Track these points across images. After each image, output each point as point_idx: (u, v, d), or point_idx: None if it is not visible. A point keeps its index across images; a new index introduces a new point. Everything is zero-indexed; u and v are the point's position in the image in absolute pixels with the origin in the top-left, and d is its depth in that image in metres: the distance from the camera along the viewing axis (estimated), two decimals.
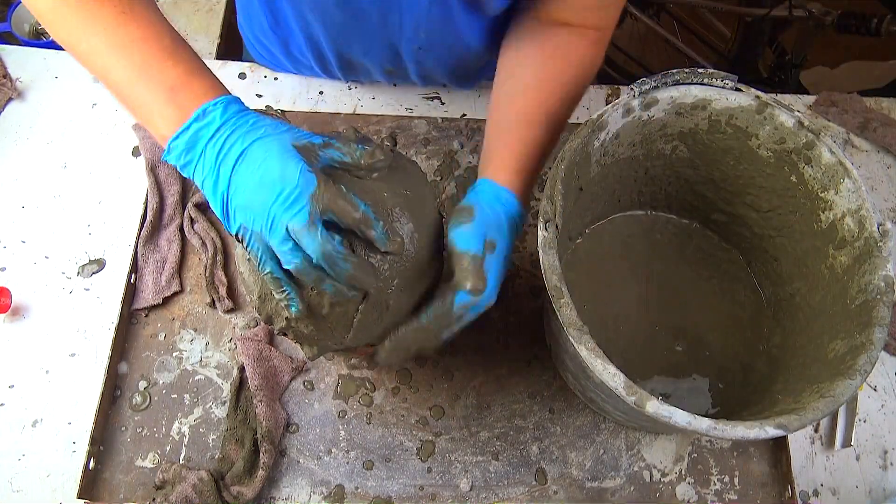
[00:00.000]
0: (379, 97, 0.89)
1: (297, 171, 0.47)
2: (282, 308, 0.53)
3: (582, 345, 0.52)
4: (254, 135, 0.48)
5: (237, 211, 0.48)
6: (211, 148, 0.48)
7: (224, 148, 0.48)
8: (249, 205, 0.47)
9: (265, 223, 0.47)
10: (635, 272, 0.76)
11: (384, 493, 0.68)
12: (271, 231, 0.47)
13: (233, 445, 0.68)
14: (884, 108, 0.92)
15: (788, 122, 0.63)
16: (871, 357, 0.54)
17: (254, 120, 0.50)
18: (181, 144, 0.49)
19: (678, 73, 0.64)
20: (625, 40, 1.87)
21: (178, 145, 0.49)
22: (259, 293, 0.54)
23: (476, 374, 0.74)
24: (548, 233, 0.56)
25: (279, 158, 0.47)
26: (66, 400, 0.70)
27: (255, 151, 0.48)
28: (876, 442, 0.72)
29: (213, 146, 0.48)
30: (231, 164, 0.48)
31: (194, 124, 0.49)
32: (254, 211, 0.47)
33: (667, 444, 0.71)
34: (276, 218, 0.47)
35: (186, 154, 0.49)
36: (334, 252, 0.47)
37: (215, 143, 0.48)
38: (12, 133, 0.84)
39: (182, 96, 0.50)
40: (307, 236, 0.46)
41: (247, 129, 0.49)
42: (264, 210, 0.47)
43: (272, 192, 0.46)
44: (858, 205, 0.60)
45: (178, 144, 0.49)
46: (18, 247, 0.77)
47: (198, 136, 0.49)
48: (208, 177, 0.49)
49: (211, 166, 0.48)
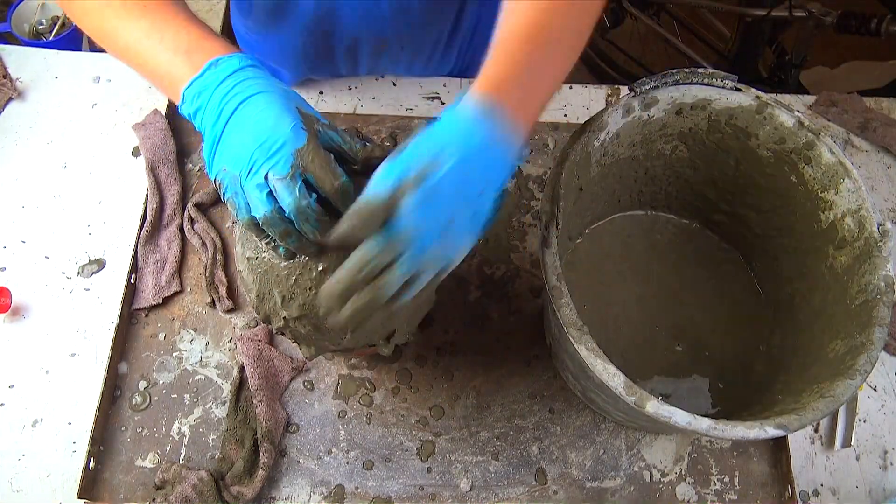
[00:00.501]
0: (379, 97, 0.89)
1: (289, 126, 0.47)
2: (279, 308, 0.53)
3: (582, 345, 0.52)
4: (262, 86, 0.49)
5: (223, 151, 0.48)
6: (218, 92, 0.49)
7: (231, 92, 0.48)
8: (235, 146, 0.47)
9: (245, 166, 0.47)
10: (635, 272, 0.76)
11: (384, 493, 0.68)
12: (249, 175, 0.47)
13: (233, 445, 0.68)
14: (884, 108, 0.92)
15: (788, 122, 0.63)
16: (871, 357, 0.54)
17: (264, 75, 0.50)
18: (193, 91, 0.50)
19: (678, 73, 0.64)
20: (625, 40, 1.87)
21: (190, 92, 0.50)
22: (257, 292, 0.54)
23: (476, 374, 0.74)
24: (548, 233, 0.56)
25: (278, 111, 0.47)
26: (66, 400, 0.70)
27: (258, 100, 0.48)
28: (876, 442, 0.72)
29: (220, 90, 0.49)
30: (232, 108, 0.48)
31: (208, 71, 0.49)
32: (237, 153, 0.47)
33: (667, 444, 0.71)
34: (256, 162, 0.46)
35: (197, 99, 0.49)
36: (308, 208, 0.46)
37: (224, 87, 0.49)
38: (12, 133, 0.84)
39: (196, 56, 0.51)
40: (284, 187, 0.46)
41: (257, 80, 0.49)
42: (247, 153, 0.46)
43: (260, 138, 0.46)
44: (858, 205, 0.60)
45: (191, 91, 0.50)
46: (18, 247, 0.77)
47: (208, 82, 0.49)
48: (209, 117, 0.49)
49: (215, 108, 0.49)
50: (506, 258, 0.80)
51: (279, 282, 0.52)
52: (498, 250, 0.80)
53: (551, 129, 0.88)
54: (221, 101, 0.49)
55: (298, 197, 0.46)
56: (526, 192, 0.84)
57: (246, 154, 0.46)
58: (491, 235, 0.81)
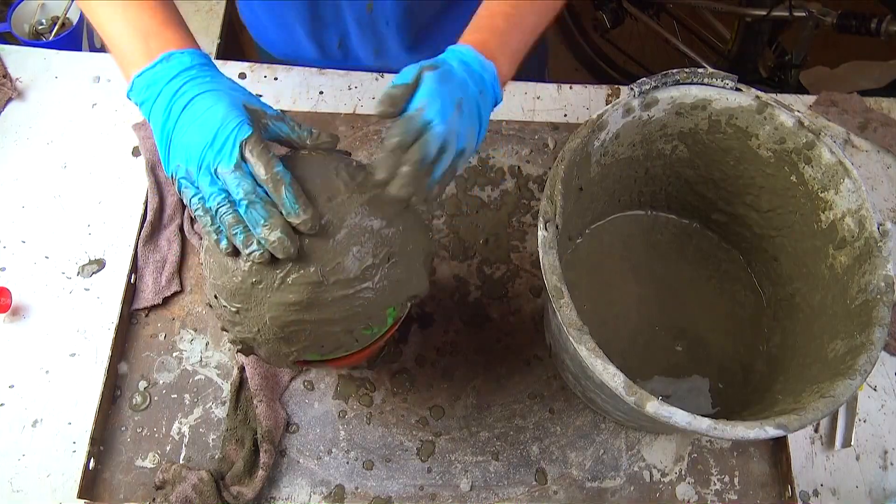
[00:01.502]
0: (379, 97, 0.89)
1: (235, 122, 0.49)
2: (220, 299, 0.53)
3: (582, 345, 0.52)
4: (209, 86, 0.51)
5: (175, 150, 0.50)
6: (168, 88, 0.51)
7: (179, 91, 0.51)
8: (186, 144, 0.49)
9: (196, 162, 0.49)
10: (635, 272, 0.76)
11: (384, 493, 0.68)
12: (200, 170, 0.49)
13: (233, 445, 0.68)
14: (884, 108, 0.92)
15: (788, 122, 0.63)
16: (871, 357, 0.54)
17: (213, 74, 0.53)
18: (143, 82, 0.52)
19: (678, 73, 0.64)
20: (625, 40, 1.87)
21: (140, 83, 0.52)
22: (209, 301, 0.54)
23: (476, 374, 0.74)
24: (548, 233, 0.56)
25: (225, 108, 0.49)
26: (66, 400, 0.70)
27: (205, 99, 0.50)
28: (876, 442, 0.72)
29: (170, 87, 0.51)
30: (181, 106, 0.50)
31: (159, 65, 0.52)
32: (188, 151, 0.49)
33: (667, 444, 0.71)
34: (206, 158, 0.49)
35: (146, 91, 0.52)
36: (252, 194, 0.48)
37: (172, 85, 0.51)
38: (12, 133, 0.84)
39: (154, 43, 0.53)
40: (232, 178, 0.48)
41: (205, 79, 0.52)
42: (197, 150, 0.49)
43: (207, 135, 0.49)
44: (858, 205, 0.60)
45: (141, 82, 0.52)
46: (18, 247, 0.77)
47: (159, 76, 0.52)
48: (159, 114, 0.51)
49: (164, 105, 0.51)
50: (506, 258, 0.80)
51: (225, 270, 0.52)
52: (498, 250, 0.80)
53: (551, 129, 0.88)
54: (171, 99, 0.51)
55: (245, 185, 0.48)
56: (526, 192, 0.84)
57: (196, 151, 0.49)
58: (491, 235, 0.81)
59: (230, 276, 0.51)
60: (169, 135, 0.51)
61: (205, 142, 0.49)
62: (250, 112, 0.51)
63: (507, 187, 0.84)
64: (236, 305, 0.52)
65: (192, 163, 0.49)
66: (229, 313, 0.53)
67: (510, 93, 0.90)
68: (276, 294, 0.50)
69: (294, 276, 0.50)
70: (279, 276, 0.50)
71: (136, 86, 0.52)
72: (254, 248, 0.49)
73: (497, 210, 0.83)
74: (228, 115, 0.49)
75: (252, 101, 0.52)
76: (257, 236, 0.49)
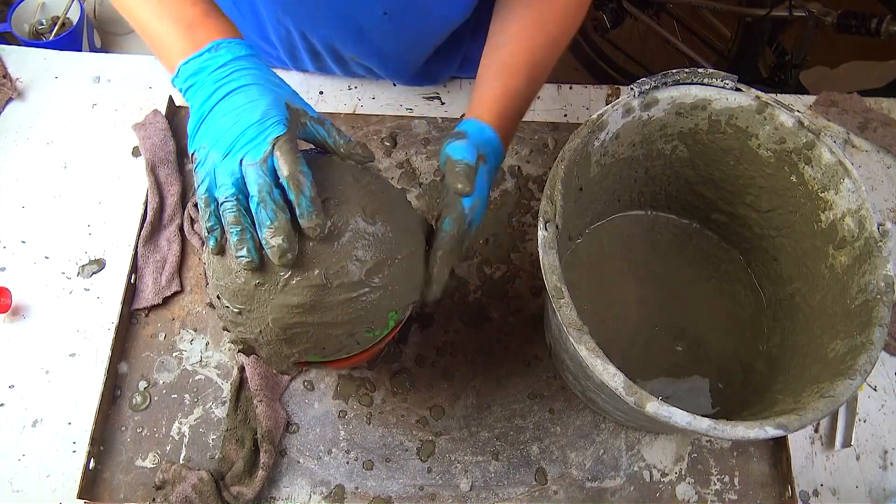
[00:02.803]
0: (379, 97, 0.89)
1: (272, 119, 0.49)
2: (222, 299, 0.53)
3: (582, 345, 0.52)
4: (256, 79, 0.51)
5: (207, 131, 0.50)
6: (214, 75, 0.51)
7: (226, 79, 0.51)
8: (218, 128, 0.49)
9: (224, 149, 0.49)
10: (635, 272, 0.76)
11: (384, 493, 0.68)
12: (225, 157, 0.49)
13: (233, 445, 0.68)
14: (884, 108, 0.92)
15: (788, 122, 0.63)
16: (871, 357, 0.54)
17: (261, 66, 0.53)
18: (189, 69, 0.52)
19: (678, 73, 0.64)
20: (625, 40, 1.87)
21: (186, 69, 0.52)
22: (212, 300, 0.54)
23: (476, 374, 0.74)
24: (548, 233, 0.56)
25: (266, 104, 0.50)
26: (66, 400, 0.70)
27: (250, 91, 0.50)
28: (876, 442, 0.72)
29: (216, 74, 0.51)
30: (225, 93, 0.50)
31: (206, 54, 0.52)
32: (219, 135, 0.49)
33: (667, 444, 0.71)
34: (234, 147, 0.48)
35: (192, 77, 0.52)
36: (269, 195, 0.48)
37: (220, 73, 0.51)
38: (12, 133, 0.84)
39: (198, 33, 0.53)
40: (254, 171, 0.48)
41: (252, 71, 0.52)
42: (228, 138, 0.49)
43: (242, 126, 0.49)
44: (858, 205, 0.60)
45: (187, 69, 0.52)
46: (18, 247, 0.77)
47: (206, 64, 0.52)
48: (201, 96, 0.51)
49: (207, 88, 0.51)
50: (506, 258, 0.80)
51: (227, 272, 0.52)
52: (498, 250, 0.80)
53: (551, 129, 0.88)
54: (215, 84, 0.51)
55: (265, 181, 0.48)
56: (526, 192, 0.84)
57: (226, 138, 0.49)
58: (491, 235, 0.81)
59: (233, 277, 0.51)
60: (203, 115, 0.51)
61: (239, 131, 0.49)
62: (291, 111, 0.51)
63: (507, 187, 0.84)
64: (239, 306, 0.52)
65: (219, 148, 0.49)
66: (231, 314, 0.53)
67: None
68: (279, 296, 0.50)
69: (297, 278, 0.50)
70: (283, 278, 0.49)
71: (181, 72, 0.52)
72: (243, 254, 0.48)
73: (497, 210, 0.83)
74: (269, 111, 0.49)
75: (295, 99, 0.53)
76: (259, 237, 0.48)
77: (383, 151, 0.85)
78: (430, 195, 0.83)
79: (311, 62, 0.87)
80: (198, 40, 0.53)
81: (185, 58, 0.52)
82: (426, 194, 0.83)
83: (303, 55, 0.85)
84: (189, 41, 0.53)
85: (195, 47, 0.52)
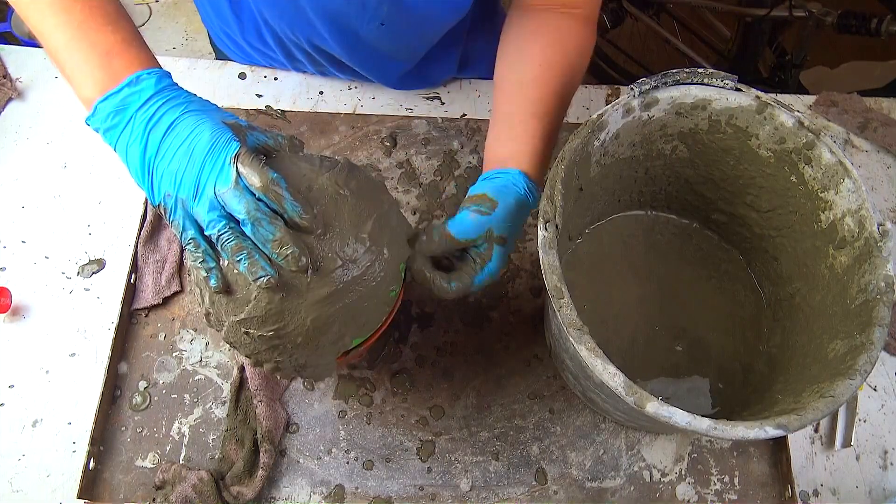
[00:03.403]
0: (379, 97, 0.89)
1: (223, 139, 0.48)
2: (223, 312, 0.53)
3: (582, 345, 0.52)
4: (186, 108, 0.50)
5: (163, 178, 0.48)
6: (141, 115, 0.49)
7: (156, 116, 0.49)
8: (177, 171, 0.48)
9: (192, 189, 0.48)
10: (635, 272, 0.76)
11: (384, 493, 0.68)
12: (198, 196, 0.48)
13: (233, 445, 0.68)
14: (884, 108, 0.92)
15: (788, 122, 0.63)
16: (871, 357, 0.54)
17: (186, 95, 0.51)
18: (109, 107, 0.49)
19: (678, 73, 0.64)
20: (625, 40, 1.87)
21: (105, 107, 0.49)
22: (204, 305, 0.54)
23: (476, 374, 0.74)
24: (548, 233, 0.56)
25: (210, 130, 0.48)
26: (66, 400, 0.70)
27: (187, 122, 0.49)
28: (876, 442, 0.72)
29: (143, 113, 0.49)
30: (162, 132, 0.48)
31: (126, 89, 0.49)
32: (181, 177, 0.48)
33: (667, 444, 0.71)
34: (203, 182, 0.47)
35: (114, 117, 0.49)
36: (258, 211, 0.47)
37: (146, 110, 0.49)
38: (12, 133, 0.84)
39: (116, 62, 0.50)
40: (233, 196, 0.47)
41: (179, 101, 0.50)
42: (192, 176, 0.47)
43: (199, 159, 0.47)
44: (858, 205, 0.60)
45: (106, 107, 0.49)
46: (18, 247, 0.77)
47: (128, 101, 0.49)
48: (135, 143, 0.49)
49: (140, 133, 0.49)
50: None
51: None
52: None
53: None
54: (147, 125, 0.49)
55: (248, 201, 0.47)
56: None
57: (188, 177, 0.48)
58: None
59: (255, 304, 0.50)
60: (151, 164, 0.49)
61: (197, 165, 0.47)
62: (231, 127, 0.50)
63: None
64: (272, 328, 0.51)
65: (185, 190, 0.48)
66: (266, 340, 0.52)
67: None
68: (308, 295, 0.50)
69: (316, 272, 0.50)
70: (304, 280, 0.50)
71: (99, 111, 0.50)
72: (261, 275, 0.48)
73: None
74: (215, 135, 0.48)
75: (227, 115, 0.52)
76: (268, 253, 0.48)
77: (383, 151, 0.85)
78: (429, 195, 0.83)
79: (310, 65, 0.87)
80: (115, 71, 0.50)
81: (102, 93, 0.49)
82: (426, 195, 0.83)
83: (301, 59, 0.86)
84: (106, 71, 0.50)
85: (113, 79, 0.49)
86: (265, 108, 0.87)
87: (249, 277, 0.48)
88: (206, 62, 0.91)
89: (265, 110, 0.87)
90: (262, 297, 0.50)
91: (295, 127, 0.86)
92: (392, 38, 0.77)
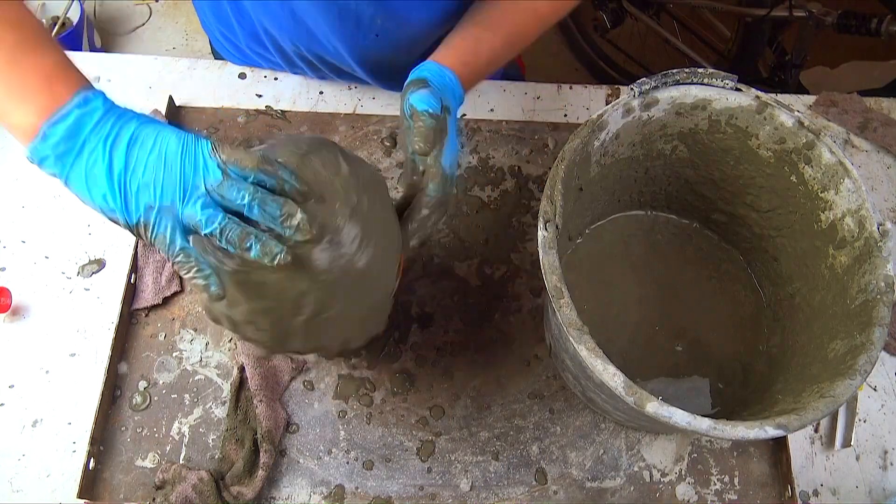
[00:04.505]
0: (379, 97, 0.89)
1: (191, 138, 0.48)
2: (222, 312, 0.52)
3: (582, 345, 0.52)
4: (139, 121, 0.48)
5: (140, 190, 0.47)
6: (95, 135, 0.47)
7: (112, 133, 0.47)
8: (154, 180, 0.47)
9: (176, 192, 0.47)
10: (635, 272, 0.76)
11: (384, 493, 0.68)
12: (187, 198, 0.47)
13: (233, 445, 0.68)
14: (884, 108, 0.92)
15: (788, 122, 0.63)
16: (871, 357, 0.54)
17: (133, 111, 0.50)
18: (61, 131, 0.46)
19: (678, 73, 0.64)
20: (625, 40, 1.87)
21: (56, 132, 0.46)
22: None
23: (476, 374, 0.74)
24: (548, 233, 0.56)
25: (174, 133, 0.48)
26: (66, 400, 0.70)
27: (147, 132, 0.48)
28: (876, 442, 0.72)
29: (97, 133, 0.47)
30: (125, 147, 0.47)
31: (76, 111, 0.47)
32: (160, 184, 0.47)
33: (667, 444, 0.71)
34: (188, 182, 0.47)
35: (67, 142, 0.47)
36: (259, 193, 0.47)
37: (100, 129, 0.47)
38: None
39: (57, 86, 0.48)
40: (228, 185, 0.47)
41: (129, 117, 0.48)
42: (173, 180, 0.47)
43: (176, 161, 0.47)
44: (858, 205, 0.60)
45: (57, 131, 0.46)
46: (18, 247, 0.77)
47: (81, 122, 0.47)
48: (97, 164, 0.47)
49: (101, 153, 0.47)
50: (506, 258, 0.80)
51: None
52: (498, 250, 0.80)
53: (551, 129, 0.88)
54: (106, 143, 0.47)
55: (245, 187, 0.47)
56: (526, 192, 0.84)
57: (170, 182, 0.47)
58: (491, 235, 0.81)
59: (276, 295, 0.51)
60: (122, 180, 0.47)
61: (176, 169, 0.47)
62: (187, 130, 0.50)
63: (507, 187, 0.84)
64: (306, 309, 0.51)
65: (169, 196, 0.47)
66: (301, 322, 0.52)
67: (510, 93, 0.90)
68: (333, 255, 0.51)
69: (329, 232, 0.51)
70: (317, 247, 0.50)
71: (50, 136, 0.47)
72: (277, 251, 0.48)
73: (497, 210, 0.83)
74: (181, 137, 0.47)
75: (180, 127, 0.52)
76: (278, 230, 0.48)
77: (383, 151, 0.85)
78: None
79: (310, 71, 0.88)
80: (58, 94, 0.47)
81: (47, 117, 0.46)
82: None
83: (301, 66, 0.86)
84: (49, 95, 0.47)
85: (56, 102, 0.47)
86: (265, 108, 0.87)
87: (265, 260, 0.48)
88: (206, 62, 0.91)
89: (265, 110, 0.87)
90: (280, 280, 0.50)
91: (295, 127, 0.86)
92: (388, 47, 0.78)
